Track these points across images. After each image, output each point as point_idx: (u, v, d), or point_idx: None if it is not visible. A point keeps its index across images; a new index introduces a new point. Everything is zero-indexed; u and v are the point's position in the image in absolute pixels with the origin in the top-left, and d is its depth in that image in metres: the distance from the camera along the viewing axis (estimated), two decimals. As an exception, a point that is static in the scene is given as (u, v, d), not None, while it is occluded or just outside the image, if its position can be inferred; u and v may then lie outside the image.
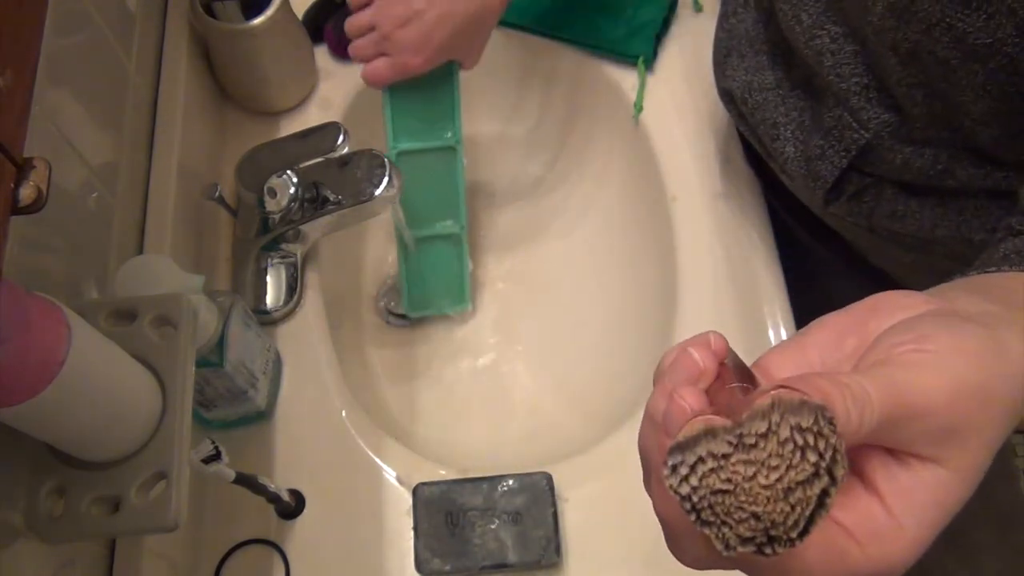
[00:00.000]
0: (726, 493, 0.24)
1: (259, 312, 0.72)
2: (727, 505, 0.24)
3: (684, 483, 0.24)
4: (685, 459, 0.24)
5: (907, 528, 0.28)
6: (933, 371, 0.28)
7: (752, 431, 0.24)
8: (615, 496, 0.66)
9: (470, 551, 0.61)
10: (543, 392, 0.82)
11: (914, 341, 0.29)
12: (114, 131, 0.65)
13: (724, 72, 0.72)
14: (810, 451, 0.24)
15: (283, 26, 0.76)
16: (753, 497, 0.24)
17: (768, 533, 0.24)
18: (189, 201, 0.72)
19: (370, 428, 0.69)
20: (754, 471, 0.24)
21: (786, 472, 0.24)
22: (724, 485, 0.24)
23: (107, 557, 0.58)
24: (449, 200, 0.79)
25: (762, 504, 0.24)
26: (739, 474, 0.24)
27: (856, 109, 0.58)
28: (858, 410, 0.26)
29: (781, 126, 0.66)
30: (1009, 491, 1.57)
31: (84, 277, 0.57)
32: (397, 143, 0.76)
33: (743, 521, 0.24)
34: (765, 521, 0.24)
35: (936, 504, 0.29)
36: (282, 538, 0.65)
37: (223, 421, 0.66)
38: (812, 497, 0.24)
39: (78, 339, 0.41)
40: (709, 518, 0.24)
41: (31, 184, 0.37)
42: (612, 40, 0.84)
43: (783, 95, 0.66)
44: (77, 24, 0.60)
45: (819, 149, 0.62)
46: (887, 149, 0.58)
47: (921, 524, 0.28)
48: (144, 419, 0.47)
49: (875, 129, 0.58)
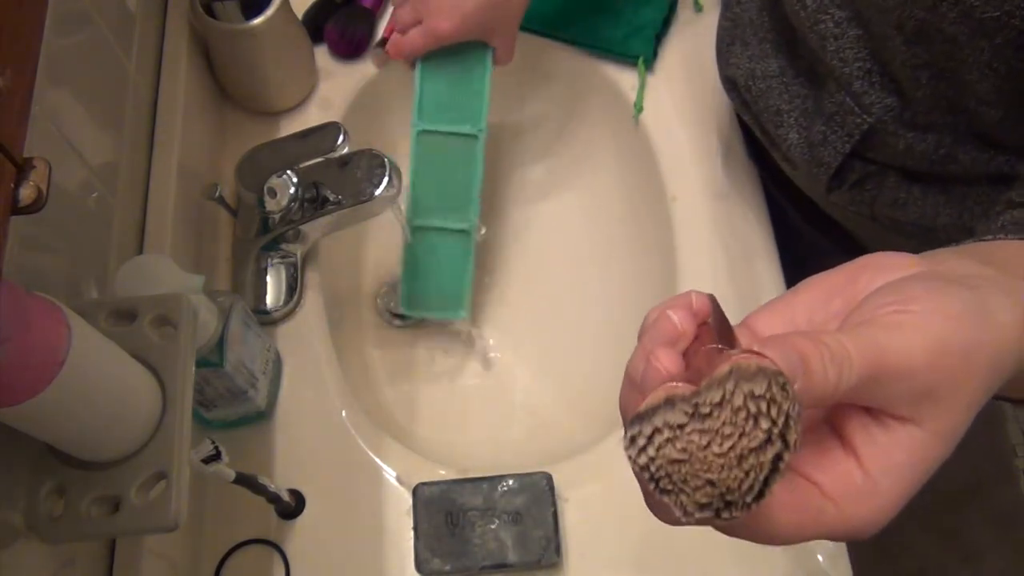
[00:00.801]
0: (682, 463, 0.25)
1: (259, 312, 0.72)
2: (683, 474, 0.25)
3: (642, 454, 0.26)
4: (643, 430, 0.25)
5: (883, 488, 0.29)
6: (914, 332, 0.28)
7: (707, 400, 0.25)
8: (615, 496, 0.66)
9: (470, 551, 0.61)
10: (543, 392, 0.82)
11: (898, 302, 0.29)
12: (114, 131, 0.65)
13: (728, 60, 0.72)
14: (763, 418, 0.24)
15: (283, 26, 0.76)
16: (707, 465, 0.25)
17: (724, 499, 0.25)
18: (189, 201, 0.72)
19: (370, 428, 0.69)
20: (708, 440, 0.25)
21: (739, 440, 0.24)
22: (680, 455, 0.25)
23: (107, 557, 0.58)
24: (463, 192, 0.77)
25: (716, 472, 0.25)
26: (694, 443, 0.25)
27: (859, 94, 0.58)
28: (836, 368, 0.27)
29: (784, 113, 0.66)
30: (1009, 491, 1.57)
31: (84, 277, 0.57)
32: (421, 121, 0.76)
33: (699, 488, 0.25)
34: (720, 487, 0.25)
35: (912, 465, 0.29)
36: (282, 538, 0.65)
37: (223, 421, 0.66)
38: (765, 463, 0.25)
39: (78, 339, 0.41)
40: (667, 487, 0.25)
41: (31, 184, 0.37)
42: (612, 40, 0.84)
43: (787, 82, 0.66)
44: (77, 24, 0.60)
45: (822, 135, 0.62)
46: (890, 134, 0.58)
47: (897, 484, 0.29)
48: (144, 419, 0.47)
49: (878, 114, 0.58)
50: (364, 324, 0.85)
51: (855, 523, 0.29)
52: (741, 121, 0.80)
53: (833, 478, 0.29)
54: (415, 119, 0.76)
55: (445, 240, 0.79)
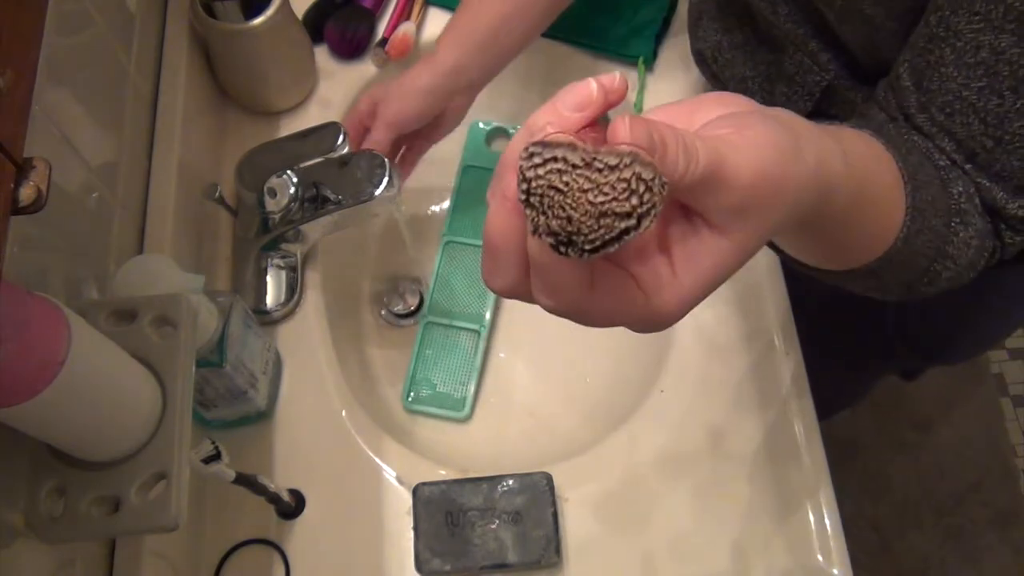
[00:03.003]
0: (559, 192, 0.29)
1: (259, 312, 0.72)
2: (554, 201, 0.29)
3: (533, 168, 0.29)
4: (543, 153, 0.29)
5: (684, 285, 0.33)
6: (746, 153, 0.32)
7: (604, 161, 0.28)
8: (615, 496, 0.66)
9: (470, 551, 0.61)
10: (543, 392, 0.82)
11: (736, 128, 0.33)
12: (114, 131, 0.65)
13: (696, 34, 0.74)
14: (635, 196, 0.28)
15: (283, 26, 0.76)
16: (576, 205, 0.28)
17: (571, 237, 0.29)
18: (189, 201, 0.72)
19: (370, 428, 0.69)
20: (589, 187, 0.28)
21: (610, 201, 0.28)
22: (561, 185, 0.29)
23: (107, 557, 0.58)
24: (478, 299, 0.83)
25: (579, 213, 0.28)
26: (577, 184, 0.28)
27: (815, 52, 0.61)
28: (685, 161, 0.30)
29: (749, 79, 0.69)
30: (1009, 491, 1.57)
31: (84, 277, 0.57)
32: (449, 233, 0.85)
33: (558, 218, 0.29)
34: (574, 226, 0.28)
35: (714, 267, 0.33)
36: (282, 538, 0.65)
37: (223, 421, 0.66)
38: (616, 228, 0.28)
39: (78, 339, 0.41)
40: (535, 203, 0.29)
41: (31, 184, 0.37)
42: (612, 40, 0.84)
43: (751, 51, 0.68)
44: (77, 24, 0.60)
45: (784, 96, 0.65)
46: (848, 89, 0.61)
47: (697, 282, 0.33)
48: (144, 419, 0.47)
49: (834, 70, 0.61)
50: (364, 324, 0.85)
51: (657, 312, 0.33)
52: None
53: (647, 273, 0.33)
54: (445, 230, 0.85)
55: (457, 337, 0.82)
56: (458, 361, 0.81)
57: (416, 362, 0.81)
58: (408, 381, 0.80)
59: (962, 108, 0.47)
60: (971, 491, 1.56)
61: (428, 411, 0.79)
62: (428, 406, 0.79)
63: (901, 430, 1.61)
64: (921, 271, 0.48)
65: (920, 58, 0.49)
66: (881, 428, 1.60)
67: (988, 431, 1.62)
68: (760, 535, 0.64)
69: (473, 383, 0.79)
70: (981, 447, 1.61)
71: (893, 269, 0.46)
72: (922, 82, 0.49)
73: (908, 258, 0.46)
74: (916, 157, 0.48)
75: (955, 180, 0.48)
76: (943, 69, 0.47)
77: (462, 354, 0.81)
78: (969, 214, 0.48)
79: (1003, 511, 1.55)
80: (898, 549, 1.52)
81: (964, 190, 0.48)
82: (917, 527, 1.54)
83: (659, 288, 0.33)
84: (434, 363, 0.81)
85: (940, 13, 0.47)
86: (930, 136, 0.49)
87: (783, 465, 0.66)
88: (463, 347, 0.81)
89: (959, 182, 0.48)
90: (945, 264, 0.48)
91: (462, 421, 0.79)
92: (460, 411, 0.78)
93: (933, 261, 0.47)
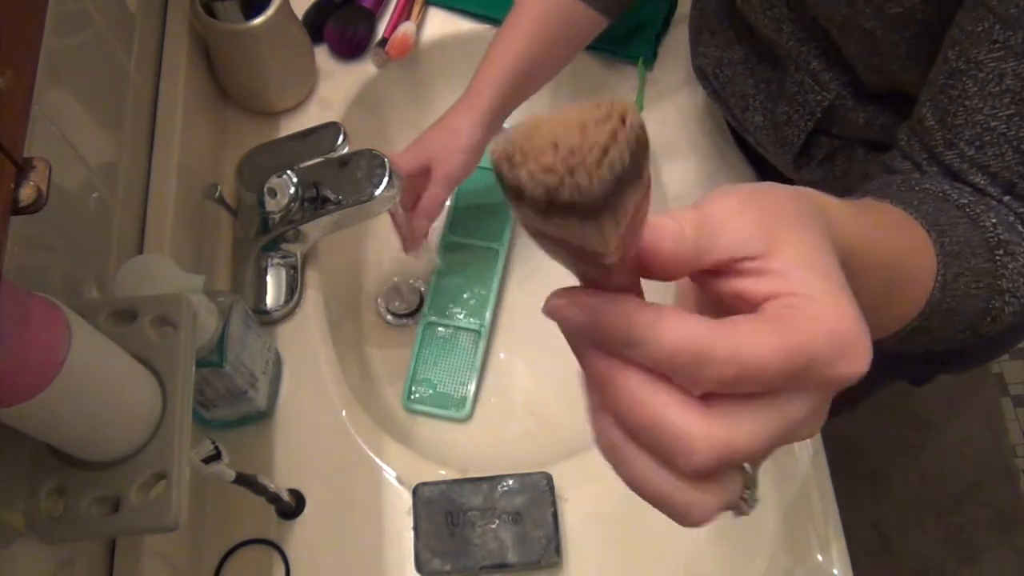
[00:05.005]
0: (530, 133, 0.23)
1: (259, 312, 0.72)
2: (531, 141, 0.23)
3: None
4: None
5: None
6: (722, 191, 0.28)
7: None
8: (615, 496, 0.65)
9: (470, 551, 0.61)
10: (543, 392, 0.82)
11: None
12: (114, 131, 0.65)
13: (696, 49, 0.74)
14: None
15: (283, 26, 0.76)
16: (554, 131, 0.22)
17: (568, 163, 0.22)
18: (189, 201, 0.72)
19: (370, 428, 0.69)
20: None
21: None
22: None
23: (107, 557, 0.58)
24: (480, 298, 0.83)
25: (562, 134, 0.22)
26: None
27: (817, 71, 0.61)
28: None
29: (750, 97, 0.68)
30: (1009, 491, 1.57)
31: (84, 277, 0.57)
32: (450, 234, 0.86)
33: (544, 151, 0.22)
34: (564, 149, 0.22)
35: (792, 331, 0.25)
36: (282, 538, 0.65)
37: (223, 421, 0.66)
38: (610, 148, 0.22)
39: (78, 339, 0.41)
40: (518, 160, 0.22)
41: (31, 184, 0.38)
42: (612, 40, 0.84)
43: (751, 68, 0.68)
44: (77, 24, 0.60)
45: (785, 115, 0.64)
46: (850, 109, 0.61)
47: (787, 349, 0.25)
48: (144, 419, 0.47)
49: (836, 90, 0.60)
50: (364, 324, 0.85)
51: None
52: None
53: None
54: (445, 230, 0.86)
55: (457, 337, 0.82)
56: (458, 361, 0.81)
57: (416, 362, 0.81)
58: (408, 381, 0.80)
59: (992, 139, 0.46)
60: (971, 491, 1.56)
61: (428, 411, 0.79)
62: (428, 406, 0.79)
63: (901, 430, 1.61)
64: (980, 313, 0.46)
65: (942, 95, 0.48)
66: (881, 428, 1.60)
67: (988, 431, 1.62)
68: (760, 535, 0.64)
69: (473, 383, 0.79)
70: (981, 447, 1.61)
71: (942, 320, 0.43)
72: (947, 118, 0.48)
73: (957, 305, 0.43)
74: (931, 205, 0.45)
75: (985, 212, 0.46)
76: (967, 102, 0.46)
77: (462, 354, 0.81)
78: (1013, 244, 0.46)
79: (1003, 511, 1.55)
80: (898, 549, 1.52)
81: (1000, 219, 0.46)
82: (917, 527, 1.54)
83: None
84: (434, 363, 0.81)
85: (958, 47, 0.47)
86: (959, 174, 0.48)
87: (783, 465, 0.66)
88: (463, 347, 0.81)
89: (991, 213, 0.46)
90: (1004, 299, 0.46)
91: (462, 421, 0.79)
92: (460, 411, 0.78)
93: (989, 301, 0.46)
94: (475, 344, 0.81)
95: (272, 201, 0.70)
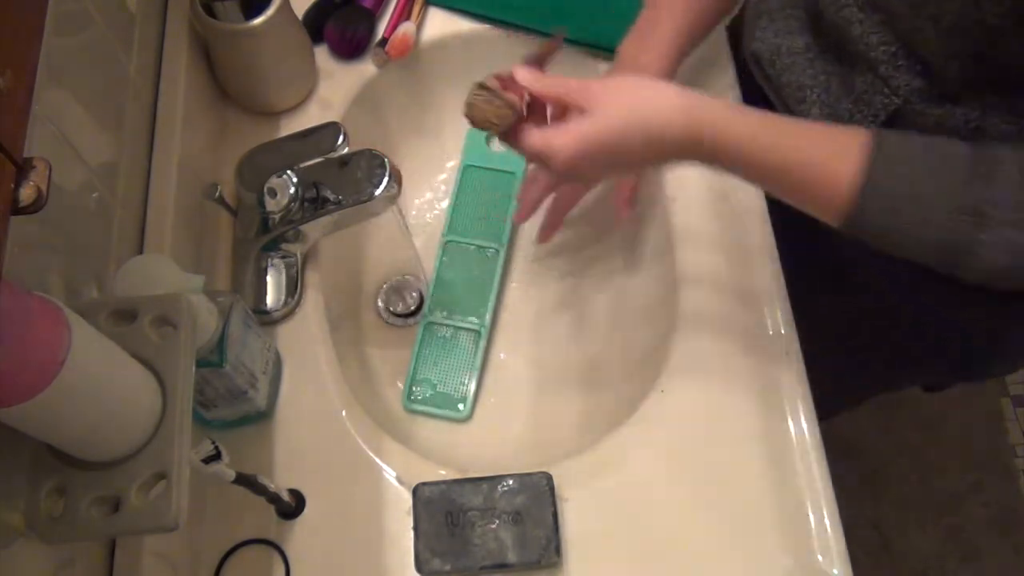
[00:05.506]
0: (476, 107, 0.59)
1: (259, 312, 0.72)
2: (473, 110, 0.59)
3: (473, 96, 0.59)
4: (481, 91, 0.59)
5: (570, 132, 0.57)
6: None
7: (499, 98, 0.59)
8: (615, 496, 0.66)
9: (470, 551, 0.61)
10: (543, 392, 0.82)
11: None
12: (114, 131, 0.65)
13: (754, 34, 0.73)
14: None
15: (283, 26, 0.76)
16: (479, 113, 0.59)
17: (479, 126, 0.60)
18: (189, 201, 0.72)
19: (370, 428, 0.69)
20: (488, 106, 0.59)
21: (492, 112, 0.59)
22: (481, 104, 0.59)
23: (107, 557, 0.58)
24: (479, 297, 0.83)
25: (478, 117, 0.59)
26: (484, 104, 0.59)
27: (886, 76, 0.59)
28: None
29: (807, 88, 0.67)
30: (1009, 491, 1.57)
31: (84, 277, 0.57)
32: (450, 234, 0.87)
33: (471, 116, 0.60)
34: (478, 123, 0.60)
35: (580, 130, 0.57)
36: (282, 538, 0.65)
37: (223, 421, 0.66)
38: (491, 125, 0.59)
39: (78, 339, 0.41)
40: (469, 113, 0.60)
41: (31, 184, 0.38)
42: (612, 38, 0.83)
43: (812, 59, 0.67)
44: (77, 24, 0.60)
45: (848, 113, 0.63)
46: (918, 113, 0.59)
47: (573, 136, 0.57)
48: (144, 419, 0.47)
49: (905, 95, 0.59)
50: (364, 324, 0.85)
51: (552, 147, 0.57)
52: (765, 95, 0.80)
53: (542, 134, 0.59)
54: (445, 230, 0.87)
55: (457, 337, 0.82)
56: (458, 361, 0.81)
57: (416, 362, 0.81)
58: (408, 381, 0.80)
59: None
60: (971, 491, 1.57)
61: (428, 411, 0.79)
62: (428, 406, 0.79)
63: (902, 430, 1.61)
64: (948, 232, 0.48)
65: None
66: (881, 428, 1.60)
67: (988, 431, 1.62)
68: (760, 535, 0.64)
69: (473, 383, 0.80)
70: (981, 447, 1.61)
71: (888, 218, 0.50)
72: None
73: (912, 209, 0.49)
74: (922, 137, 0.51)
75: (999, 146, 0.48)
76: None
77: (462, 354, 0.81)
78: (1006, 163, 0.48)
79: (1003, 511, 1.55)
80: (898, 549, 1.52)
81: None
82: (917, 527, 1.54)
83: (552, 135, 0.56)
84: (434, 363, 0.81)
85: None
86: None
87: (783, 465, 0.66)
88: (463, 347, 0.81)
89: (1006, 147, 0.48)
90: (982, 222, 0.47)
91: (462, 421, 0.79)
92: (460, 411, 0.78)
93: (960, 216, 0.47)
94: (475, 344, 0.81)
95: (272, 201, 0.70)
